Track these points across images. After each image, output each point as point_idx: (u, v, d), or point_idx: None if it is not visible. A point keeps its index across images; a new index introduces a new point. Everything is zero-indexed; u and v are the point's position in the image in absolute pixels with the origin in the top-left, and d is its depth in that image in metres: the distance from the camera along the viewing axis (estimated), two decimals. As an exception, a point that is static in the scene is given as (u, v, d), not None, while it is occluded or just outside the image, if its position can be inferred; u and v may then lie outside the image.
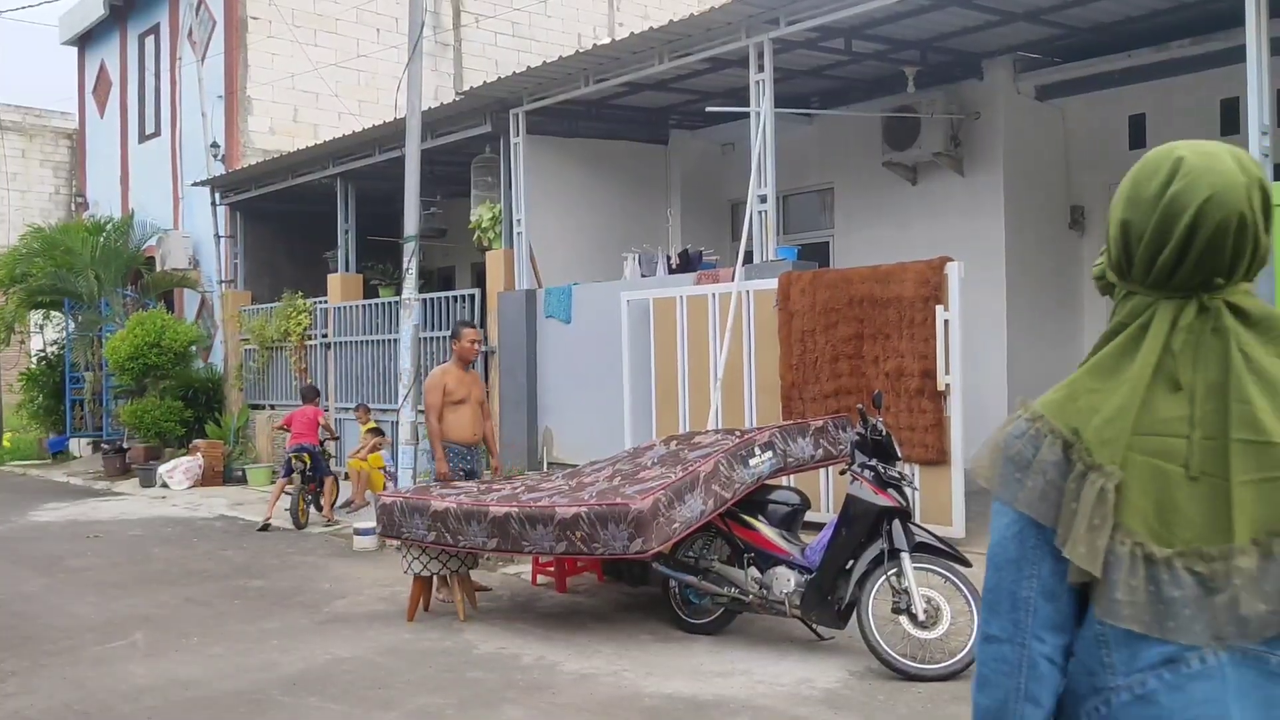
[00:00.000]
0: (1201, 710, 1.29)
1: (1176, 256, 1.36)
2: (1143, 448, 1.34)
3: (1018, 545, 1.41)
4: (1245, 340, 1.36)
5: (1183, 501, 1.32)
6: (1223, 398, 1.33)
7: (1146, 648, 1.33)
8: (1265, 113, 6.19)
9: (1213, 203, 1.33)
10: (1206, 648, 1.31)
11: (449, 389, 7.52)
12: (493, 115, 11.35)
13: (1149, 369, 1.37)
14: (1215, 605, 1.30)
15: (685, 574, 6.28)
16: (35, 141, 21.97)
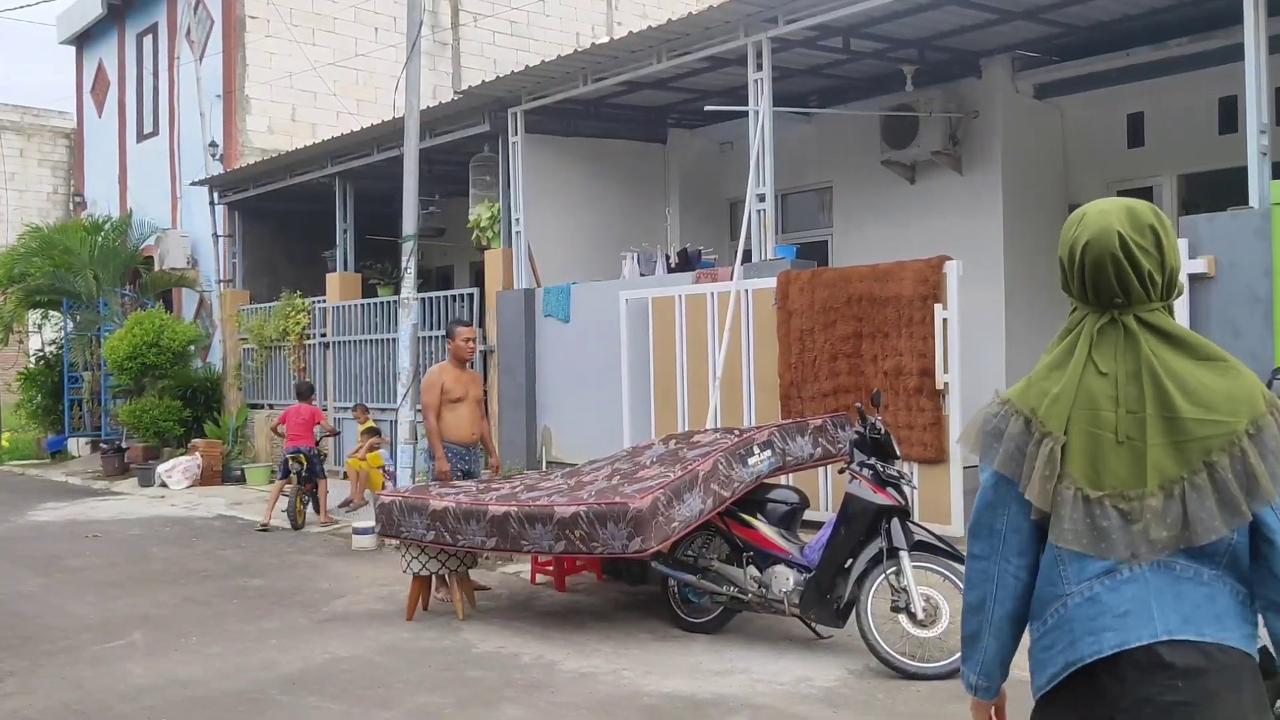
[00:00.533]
0: (1131, 605, 1.84)
1: (1079, 283, 1.94)
2: (1081, 419, 1.89)
3: (994, 493, 1.99)
4: (1155, 346, 1.88)
5: (1111, 458, 1.86)
6: (1139, 383, 1.86)
7: (1090, 563, 1.87)
8: (1263, 111, 6.19)
9: (1089, 246, 1.91)
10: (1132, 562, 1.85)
11: (446, 388, 7.51)
12: (491, 114, 11.35)
13: (1081, 362, 1.91)
14: (1133, 532, 1.85)
15: (684, 573, 6.29)
16: (33, 141, 21.95)
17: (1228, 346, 6.21)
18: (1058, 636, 1.92)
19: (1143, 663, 1.82)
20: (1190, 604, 1.84)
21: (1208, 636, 1.82)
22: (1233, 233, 6.16)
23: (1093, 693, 1.87)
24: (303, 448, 10.92)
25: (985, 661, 2.08)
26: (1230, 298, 6.14)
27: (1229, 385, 1.89)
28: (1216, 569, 1.86)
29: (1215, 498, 1.82)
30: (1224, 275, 6.16)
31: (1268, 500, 1.81)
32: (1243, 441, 1.83)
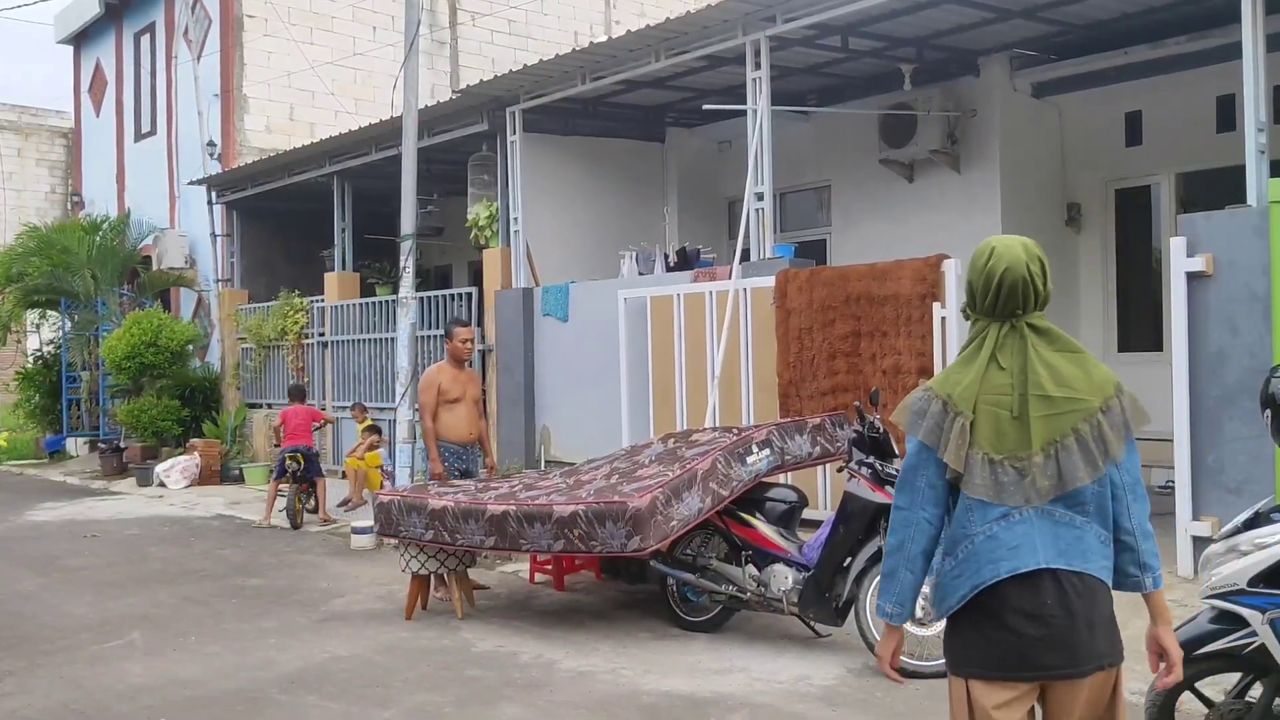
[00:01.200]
0: (1021, 540, 2.45)
1: (993, 300, 2.55)
2: (985, 401, 2.51)
3: (917, 458, 2.57)
4: (1036, 343, 2.55)
5: (1008, 429, 2.49)
6: (1024, 374, 2.50)
7: (991, 509, 2.49)
8: (1261, 109, 6.19)
9: (1008, 272, 2.52)
10: (1022, 507, 2.47)
11: (443, 388, 7.50)
12: (489, 113, 11.34)
13: (986, 359, 2.53)
14: (1024, 484, 2.46)
15: (683, 572, 6.29)
16: (31, 140, 21.92)
17: (1226, 345, 6.23)
18: (966, 566, 2.50)
19: (1028, 583, 2.45)
20: (1064, 542, 2.47)
21: (1074, 566, 2.46)
22: (1231, 231, 6.16)
23: (990, 608, 2.48)
24: (300, 446, 10.94)
25: (901, 592, 2.63)
26: (1228, 296, 6.14)
27: (1087, 373, 2.56)
28: (1085, 516, 2.50)
29: (1080, 455, 2.47)
30: (1222, 273, 6.16)
31: (1115, 459, 2.49)
32: (1098, 415, 2.50)
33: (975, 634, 2.54)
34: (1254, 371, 5.89)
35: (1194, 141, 9.74)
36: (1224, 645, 3.61)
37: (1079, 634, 2.45)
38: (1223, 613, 3.64)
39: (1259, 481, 5.96)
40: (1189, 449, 6.25)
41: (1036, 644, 2.45)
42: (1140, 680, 4.94)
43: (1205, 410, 6.23)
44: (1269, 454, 5.89)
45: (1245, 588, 3.57)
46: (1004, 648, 2.48)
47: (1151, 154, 10.14)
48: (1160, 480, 8.95)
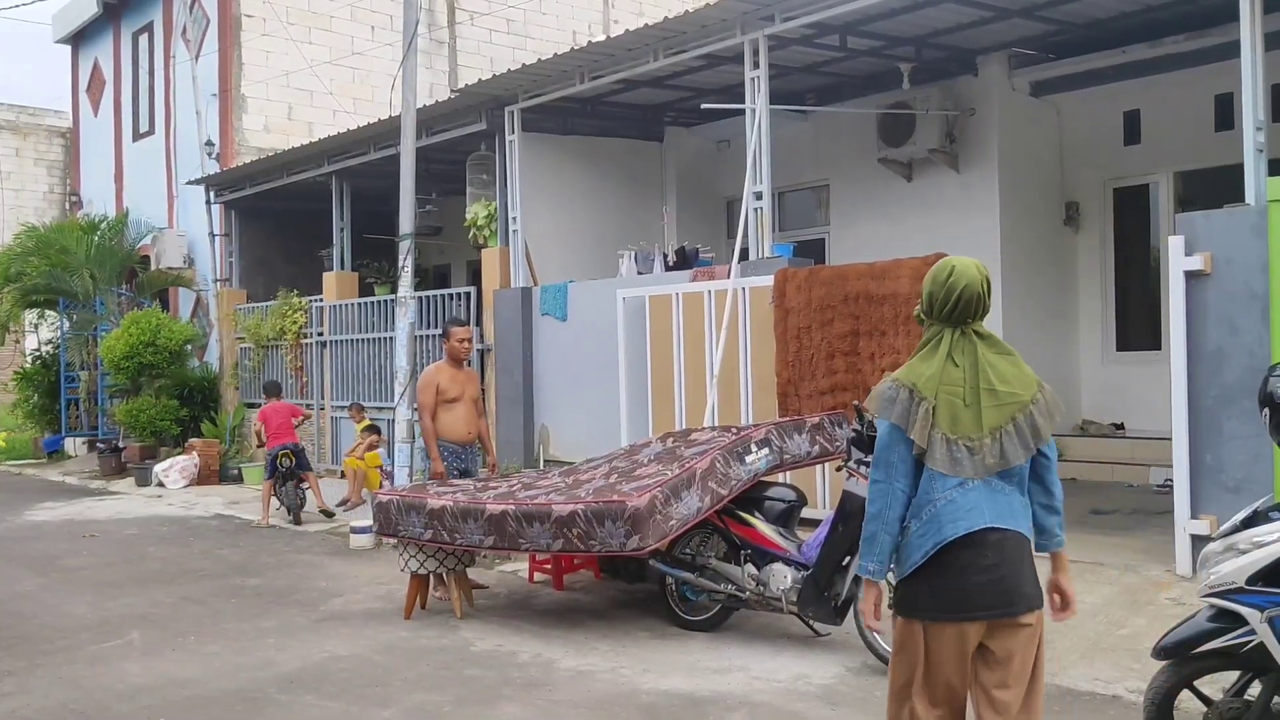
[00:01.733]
0: (973, 505, 2.99)
1: (950, 309, 3.06)
2: (944, 391, 3.03)
3: (890, 438, 3.06)
4: (982, 346, 3.07)
5: (961, 415, 3.02)
6: (975, 371, 3.04)
7: (949, 480, 3.01)
8: (1259, 108, 6.19)
9: (967, 288, 3.04)
10: (973, 479, 3.01)
11: (442, 388, 7.49)
12: (488, 113, 11.34)
13: (944, 357, 3.06)
14: (974, 460, 3.01)
15: (682, 571, 6.29)
16: (29, 140, 21.91)
17: (1225, 343, 6.22)
18: (929, 527, 3.02)
19: (977, 539, 2.99)
20: (1002, 506, 3.04)
21: (1009, 525, 3.04)
22: (1229, 230, 6.17)
23: (944, 561, 3.00)
24: (289, 444, 11.00)
25: (881, 552, 3.08)
26: (1227, 295, 6.14)
27: (1020, 372, 3.11)
28: (1014, 486, 3.09)
29: (1018, 440, 3.04)
30: (1220, 272, 6.16)
31: (1043, 442, 3.09)
32: (1030, 407, 3.06)
33: (930, 584, 3.01)
34: (1252, 370, 5.90)
35: (1192, 140, 9.75)
36: (1222, 643, 3.61)
37: (1012, 580, 3.00)
38: (1221, 611, 3.64)
39: (1257, 480, 5.96)
40: (1187, 448, 6.25)
41: (982, 590, 2.97)
42: (1139, 679, 4.94)
43: (1204, 409, 6.23)
44: (1267, 453, 5.89)
45: (1244, 586, 3.58)
46: (955, 594, 2.98)
47: (1150, 153, 10.15)
48: (1159, 479, 8.97)
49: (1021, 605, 2.99)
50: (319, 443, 13.95)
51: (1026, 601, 3.00)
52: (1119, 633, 5.63)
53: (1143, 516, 7.95)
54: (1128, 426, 10.23)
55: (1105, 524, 7.74)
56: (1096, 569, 6.50)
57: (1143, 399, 9.99)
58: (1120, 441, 10.00)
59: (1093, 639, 5.58)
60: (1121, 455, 9.81)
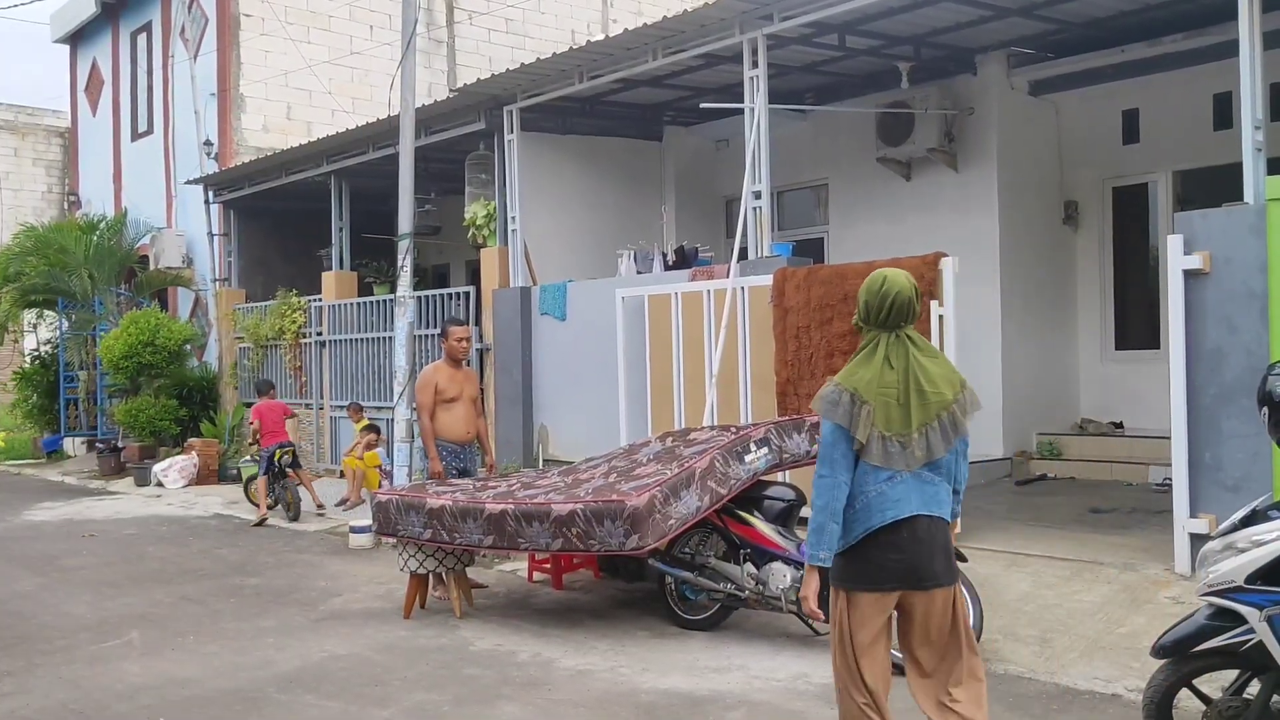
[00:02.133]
0: (902, 495, 3.36)
1: (885, 316, 3.43)
2: (880, 393, 3.38)
3: (834, 436, 3.41)
4: (914, 350, 3.43)
5: (894, 414, 3.37)
6: (908, 373, 3.39)
7: (881, 472, 3.38)
8: (1258, 107, 6.19)
9: (898, 295, 3.41)
10: (903, 471, 3.38)
11: (440, 387, 7.49)
12: (487, 112, 11.33)
13: (880, 361, 3.41)
14: (905, 454, 3.37)
15: (681, 570, 6.29)
16: (28, 140, 21.91)
17: (1224, 342, 6.24)
18: (862, 514, 3.41)
19: (903, 525, 3.39)
20: (928, 496, 3.44)
21: (934, 512, 3.45)
22: (1228, 229, 6.17)
23: (878, 543, 3.40)
24: (287, 441, 11.15)
25: (830, 541, 3.39)
26: (1226, 294, 6.14)
27: (946, 373, 3.50)
28: (941, 477, 3.48)
29: (940, 435, 3.41)
30: (1219, 271, 6.17)
31: (961, 435, 3.48)
32: (952, 406, 3.44)
33: (860, 561, 3.45)
34: (1251, 369, 5.90)
35: (1191, 139, 9.75)
36: (1221, 642, 3.62)
37: (925, 560, 3.42)
38: (1220, 610, 3.65)
39: (1256, 479, 5.97)
40: (1186, 446, 6.25)
41: (899, 566, 3.42)
42: (1138, 677, 4.95)
43: (1203, 408, 6.23)
44: (1266, 451, 5.90)
45: (1243, 585, 3.58)
46: (879, 569, 3.42)
47: (1149, 152, 10.15)
48: (1158, 477, 8.97)
49: (930, 581, 3.42)
50: (318, 442, 13.95)
51: (935, 578, 3.43)
52: (1118, 631, 5.63)
53: (1142, 515, 7.96)
54: (1127, 425, 10.23)
55: (1104, 523, 7.75)
56: (1095, 567, 6.50)
57: (1142, 397, 9.99)
58: (1119, 440, 10.00)
59: (1092, 637, 5.58)
60: (1120, 454, 9.82)
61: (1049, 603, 6.09)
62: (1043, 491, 9.31)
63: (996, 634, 5.72)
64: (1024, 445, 10.28)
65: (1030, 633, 5.74)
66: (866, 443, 3.37)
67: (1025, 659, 5.46)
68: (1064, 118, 10.64)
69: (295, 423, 14.01)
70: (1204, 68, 9.21)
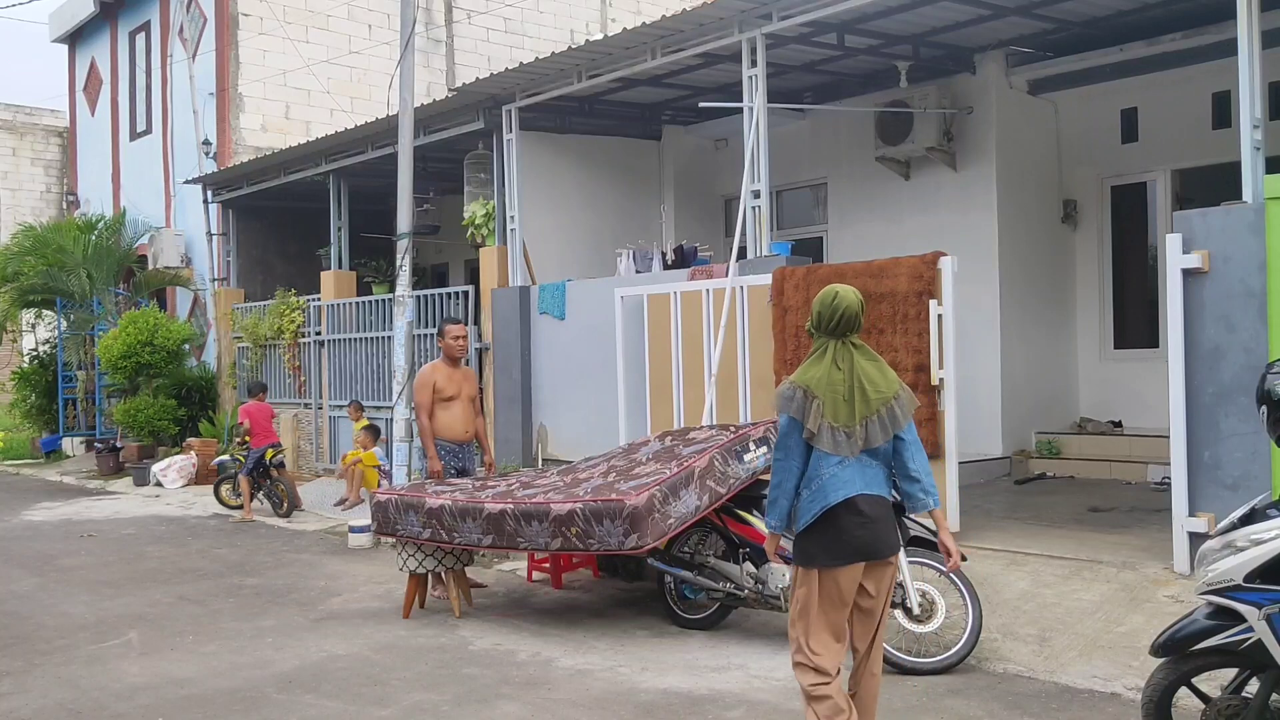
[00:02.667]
0: (849, 478, 3.83)
1: (834, 325, 3.93)
2: (829, 390, 3.86)
3: (789, 426, 3.88)
4: (858, 355, 3.94)
5: (841, 408, 3.85)
6: (853, 374, 3.89)
7: (831, 458, 3.84)
8: (1257, 106, 6.18)
9: (847, 309, 3.92)
10: (849, 458, 3.85)
11: (439, 386, 7.48)
12: (485, 111, 11.33)
13: (829, 364, 3.91)
14: (850, 442, 3.85)
15: (680, 569, 6.29)
16: (26, 139, 21.90)
17: (1223, 341, 6.25)
18: (817, 496, 3.86)
19: (852, 504, 3.85)
20: (870, 478, 3.91)
21: (876, 492, 3.92)
22: (1227, 228, 6.17)
23: (830, 521, 3.84)
24: (276, 443, 11.40)
25: (782, 514, 3.97)
26: (1224, 293, 6.14)
27: (885, 376, 4.00)
28: (879, 462, 3.97)
29: (879, 427, 3.91)
30: (1218, 270, 6.17)
31: (900, 429, 3.96)
32: (891, 402, 3.94)
33: (821, 540, 3.86)
34: (1250, 368, 5.90)
35: (1190, 138, 9.75)
36: (1220, 641, 3.61)
37: (881, 532, 3.90)
38: (1219, 608, 3.64)
39: (1255, 477, 5.97)
40: (1185, 445, 6.25)
41: (858, 540, 3.85)
42: (1137, 676, 4.95)
43: (1201, 406, 6.23)
44: (1265, 450, 5.90)
45: (1241, 583, 3.57)
46: (841, 544, 3.85)
47: (1147, 151, 10.16)
48: (1157, 476, 8.98)
49: (886, 551, 3.93)
50: (317, 442, 13.94)
51: (890, 548, 3.95)
52: (1117, 630, 5.63)
53: (1141, 514, 7.96)
54: (1125, 424, 10.24)
55: (1103, 521, 7.75)
56: (1095, 566, 6.50)
57: (1140, 396, 10.00)
58: (1118, 439, 10.01)
59: (1091, 636, 5.58)
60: (1119, 453, 9.82)
61: (1048, 601, 6.09)
62: (1042, 490, 9.31)
63: (995, 633, 5.72)
64: (1023, 444, 10.28)
65: (1029, 631, 5.74)
66: (817, 432, 3.86)
67: (1024, 658, 5.46)
68: (1063, 117, 10.64)
69: (295, 422, 14.09)
70: (1203, 66, 9.21)
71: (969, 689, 5.10)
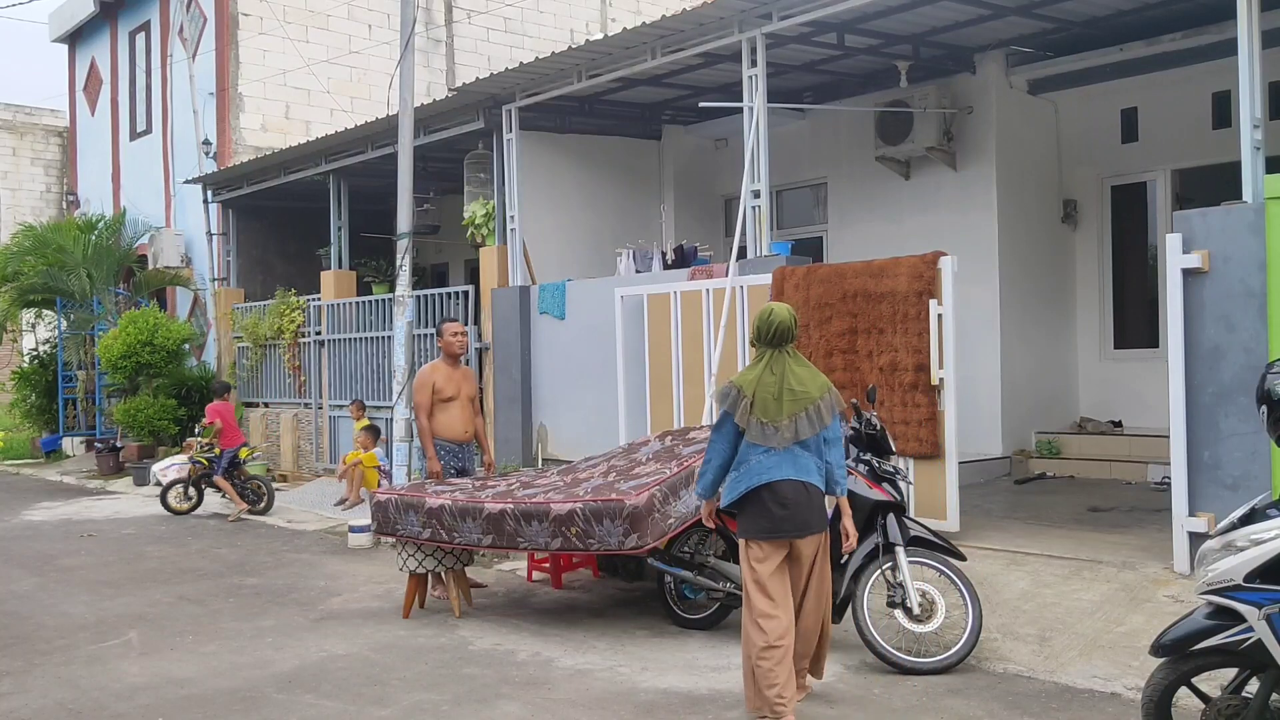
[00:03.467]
0: (775, 464, 4.65)
1: (770, 336, 4.76)
2: (761, 390, 4.69)
3: (724, 418, 4.76)
4: (790, 361, 4.75)
5: (770, 405, 4.66)
6: (783, 377, 4.70)
7: (759, 448, 4.68)
8: (1257, 106, 6.19)
9: (780, 324, 4.75)
10: (777, 448, 4.65)
11: (438, 386, 7.48)
12: (485, 111, 11.33)
13: (763, 368, 4.74)
14: (777, 435, 4.65)
15: (680, 569, 6.29)
16: (26, 139, 21.90)
17: (1222, 340, 6.25)
18: (745, 476, 4.66)
19: (776, 487, 4.60)
20: (800, 466, 4.63)
21: (802, 478, 4.63)
22: (1227, 228, 6.17)
23: (752, 500, 4.65)
24: (246, 443, 11.76)
25: (708, 485, 4.86)
26: (1224, 292, 6.15)
27: (814, 379, 4.74)
28: (810, 453, 4.67)
29: (806, 422, 4.62)
30: (1218, 270, 6.17)
31: (825, 425, 4.68)
32: (818, 402, 4.65)
33: (753, 516, 4.68)
34: (1250, 368, 5.90)
35: (1190, 138, 9.75)
36: (1220, 641, 3.61)
37: (803, 514, 4.64)
38: (1219, 608, 3.64)
39: (1255, 477, 5.97)
40: (1185, 445, 6.26)
41: (783, 519, 4.63)
42: (1137, 676, 4.95)
43: (1201, 406, 6.23)
44: (1265, 450, 5.90)
45: (1241, 583, 3.57)
46: (767, 522, 4.64)
47: (1147, 150, 10.16)
48: (1157, 476, 8.98)
49: (806, 530, 4.66)
50: (317, 442, 13.94)
51: (810, 528, 4.67)
52: (1117, 630, 5.63)
53: (1141, 514, 7.96)
54: (1125, 424, 10.24)
55: (1103, 521, 7.75)
56: (1094, 566, 6.50)
57: (1140, 396, 10.00)
58: (1118, 439, 10.01)
59: (1091, 636, 5.58)
60: (1119, 452, 9.82)
61: (1048, 601, 6.09)
62: (1041, 490, 9.31)
63: (995, 633, 5.72)
64: (1023, 444, 10.29)
65: (1029, 631, 5.74)
66: (745, 425, 4.65)
67: (1024, 658, 5.46)
68: (1063, 116, 10.64)
69: (295, 422, 14.09)
70: (1203, 66, 9.21)
71: (969, 689, 5.10)
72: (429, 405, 7.46)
